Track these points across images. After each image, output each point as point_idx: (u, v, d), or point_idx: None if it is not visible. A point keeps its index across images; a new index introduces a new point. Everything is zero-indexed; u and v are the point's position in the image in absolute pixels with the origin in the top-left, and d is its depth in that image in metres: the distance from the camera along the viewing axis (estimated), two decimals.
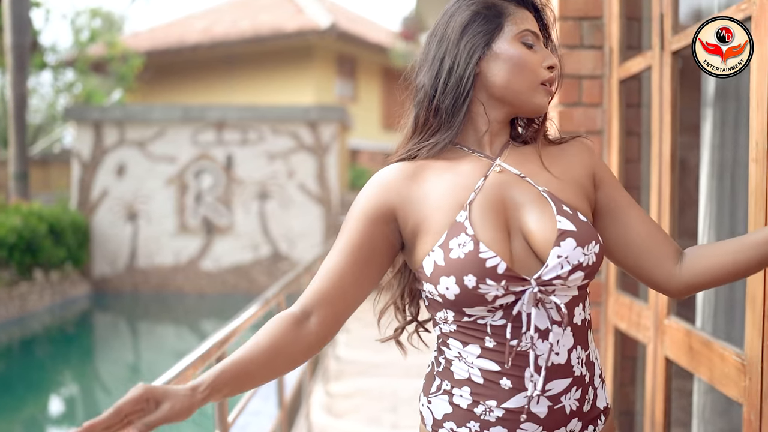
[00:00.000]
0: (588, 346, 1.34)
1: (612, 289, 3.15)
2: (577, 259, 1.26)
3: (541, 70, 1.34)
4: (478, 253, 1.24)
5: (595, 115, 3.24)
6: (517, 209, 1.32)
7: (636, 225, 1.40)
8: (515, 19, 1.35)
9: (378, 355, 6.60)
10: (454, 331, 1.31)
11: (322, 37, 15.79)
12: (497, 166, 1.35)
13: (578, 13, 3.20)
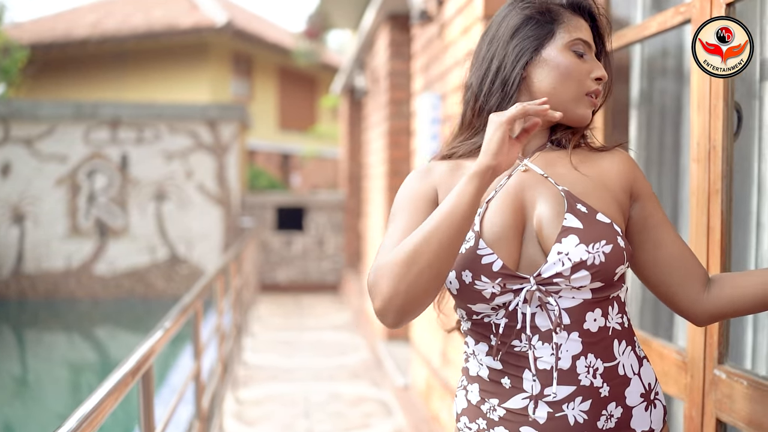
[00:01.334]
0: (615, 358, 1.29)
1: None
2: (579, 257, 1.24)
3: (588, 81, 1.35)
4: (476, 249, 1.26)
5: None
6: (534, 208, 1.32)
7: (668, 245, 1.38)
8: (568, 26, 1.36)
9: (287, 360, 6.46)
10: (470, 329, 1.36)
11: (218, 34, 15.41)
12: (523, 166, 1.35)
13: None
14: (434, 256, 1.18)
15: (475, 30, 3.26)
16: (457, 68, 3.64)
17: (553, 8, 1.37)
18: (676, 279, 1.37)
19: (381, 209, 6.97)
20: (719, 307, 1.36)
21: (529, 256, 1.29)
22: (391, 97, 6.61)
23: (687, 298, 1.37)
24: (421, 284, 1.18)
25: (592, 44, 1.38)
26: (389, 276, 1.19)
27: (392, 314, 1.21)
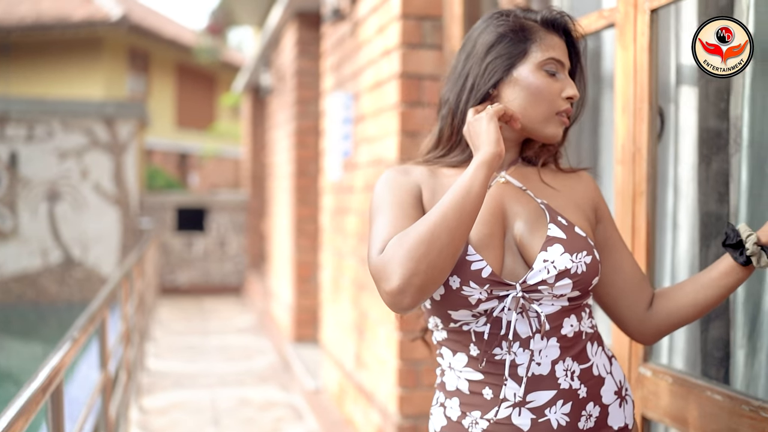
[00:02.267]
0: (588, 359, 1.33)
1: None
2: (564, 265, 1.28)
3: (559, 101, 1.35)
4: (465, 255, 1.26)
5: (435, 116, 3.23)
6: (514, 219, 1.35)
7: (624, 267, 1.44)
8: (541, 45, 1.36)
9: (191, 365, 6.27)
10: (445, 339, 1.34)
11: (113, 28, 14.85)
12: (502, 177, 1.38)
13: (420, 12, 3.18)
14: (450, 237, 1.19)
15: (392, 29, 3.24)
16: (371, 67, 3.61)
17: (527, 25, 1.38)
18: (626, 301, 1.43)
19: (288, 209, 6.87)
20: (661, 324, 1.43)
21: (508, 264, 1.31)
22: (298, 96, 6.52)
23: (636, 318, 1.44)
24: (439, 263, 1.18)
25: (565, 62, 1.38)
26: (408, 257, 1.17)
27: (411, 294, 1.17)
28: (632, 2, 1.89)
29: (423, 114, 3.22)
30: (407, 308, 1.20)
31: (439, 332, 1.36)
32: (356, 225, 3.91)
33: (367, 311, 3.67)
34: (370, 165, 3.60)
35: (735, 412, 1.57)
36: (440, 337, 1.36)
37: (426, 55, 3.21)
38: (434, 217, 1.20)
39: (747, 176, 1.86)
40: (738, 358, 1.89)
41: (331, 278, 4.66)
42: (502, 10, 1.43)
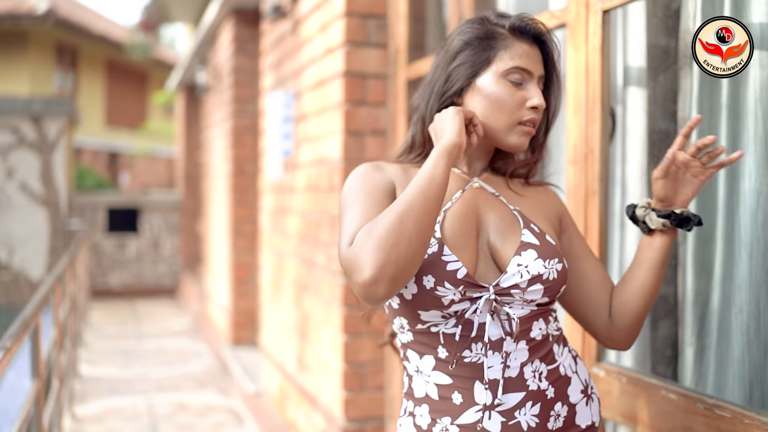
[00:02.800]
0: (555, 360, 1.33)
1: None
2: (537, 270, 1.28)
3: (521, 111, 1.34)
4: (441, 255, 1.25)
5: (379, 115, 3.20)
6: (488, 223, 1.35)
7: (590, 275, 1.45)
8: (508, 53, 1.34)
9: (126, 370, 6.08)
10: (411, 342, 1.32)
11: (38, 22, 14.33)
12: (476, 183, 1.39)
13: (364, 11, 3.14)
14: (418, 225, 1.17)
15: (335, 27, 3.20)
16: (313, 66, 3.55)
17: (495, 33, 1.37)
18: (594, 308, 1.44)
19: (224, 210, 6.74)
20: (625, 323, 1.43)
21: (481, 268, 1.31)
22: (235, 95, 6.40)
23: (604, 324, 1.45)
24: (410, 252, 1.16)
25: (534, 70, 1.35)
26: (378, 246, 1.15)
27: (385, 283, 1.15)
28: (584, 3, 1.90)
29: (367, 113, 3.18)
30: (381, 299, 1.17)
31: (405, 334, 1.34)
32: (298, 226, 3.85)
33: (310, 313, 3.61)
34: (313, 165, 3.55)
35: (689, 410, 1.58)
36: (406, 340, 1.34)
37: (370, 53, 3.18)
38: (400, 206, 1.18)
39: None
40: (687, 356, 1.91)
41: (271, 280, 4.59)
42: (476, 17, 1.43)
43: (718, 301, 1.84)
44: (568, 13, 1.97)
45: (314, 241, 3.52)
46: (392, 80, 3.17)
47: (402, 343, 1.36)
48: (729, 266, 1.81)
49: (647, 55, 2.03)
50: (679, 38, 1.96)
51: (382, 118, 3.21)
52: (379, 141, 3.21)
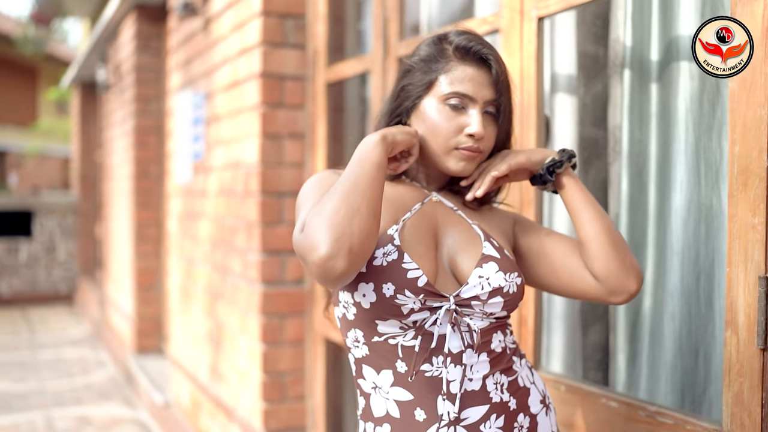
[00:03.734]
0: (514, 371, 1.32)
1: (320, 299, 3.07)
2: (498, 283, 1.27)
3: (459, 137, 1.32)
4: (401, 263, 1.23)
5: (297, 118, 3.12)
6: (447, 235, 1.33)
7: (559, 248, 1.41)
8: (448, 77, 1.32)
9: (21, 384, 5.74)
10: (367, 356, 1.28)
11: None
12: (435, 196, 1.38)
13: (282, 10, 3.05)
14: (365, 200, 1.16)
15: (252, 26, 3.09)
16: (227, 66, 3.43)
17: (442, 54, 1.34)
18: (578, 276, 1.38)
19: (127, 213, 6.47)
20: (608, 266, 1.34)
21: (440, 281, 1.28)
22: (137, 93, 6.14)
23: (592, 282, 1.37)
24: (363, 224, 1.13)
25: (474, 96, 1.30)
26: (330, 222, 1.12)
27: (343, 257, 1.10)
28: (518, 9, 1.88)
29: (285, 115, 3.09)
30: (342, 274, 1.12)
31: (360, 348, 1.29)
32: (210, 230, 3.71)
33: (225, 321, 3.48)
34: (227, 168, 3.42)
35: (631, 417, 1.58)
36: (361, 354, 1.30)
37: (288, 54, 3.09)
38: (343, 185, 1.17)
39: (627, 184, 1.90)
40: (619, 361, 1.93)
41: (179, 286, 4.41)
42: (438, 34, 1.39)
43: (650, 308, 1.86)
44: (501, 18, 1.95)
45: (229, 247, 3.40)
46: (311, 82, 3.09)
47: (356, 359, 1.31)
48: (661, 274, 1.83)
49: (577, 63, 2.03)
50: (608, 46, 1.98)
51: (301, 121, 3.13)
52: (298, 144, 3.12)
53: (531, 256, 1.43)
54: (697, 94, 1.75)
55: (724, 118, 1.69)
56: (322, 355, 3.07)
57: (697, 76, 1.75)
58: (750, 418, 1.34)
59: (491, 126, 1.34)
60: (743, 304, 1.34)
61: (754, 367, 1.33)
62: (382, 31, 2.55)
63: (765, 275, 1.30)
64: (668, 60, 1.82)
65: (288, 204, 3.09)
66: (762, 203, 1.31)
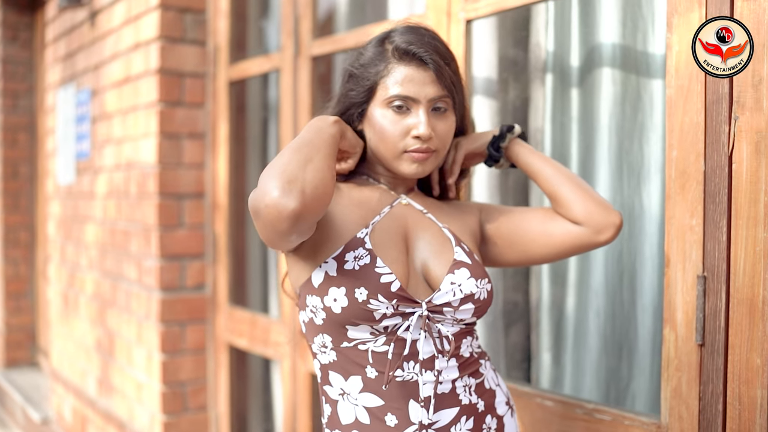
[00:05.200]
0: (481, 374, 1.31)
1: (222, 305, 2.96)
2: (470, 290, 1.26)
3: (406, 140, 1.28)
4: (374, 267, 1.21)
5: (197, 117, 3.00)
6: (418, 239, 1.31)
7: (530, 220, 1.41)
8: (390, 80, 1.28)
9: None
10: (334, 362, 1.25)
11: None
12: (404, 199, 1.36)
13: (181, 4, 2.93)
14: (319, 152, 1.15)
15: (148, 20, 2.94)
16: (118, 61, 3.25)
17: (382, 57, 1.30)
18: (562, 230, 1.37)
19: None
20: (574, 207, 1.35)
21: (412, 285, 1.26)
22: (5, 88, 5.73)
23: (577, 228, 1.36)
24: (317, 171, 1.11)
25: (417, 97, 1.27)
26: (281, 169, 1.09)
27: (295, 196, 1.06)
28: (445, 10, 1.88)
29: (185, 114, 2.97)
30: (294, 214, 1.07)
31: (327, 354, 1.26)
32: (98, 234, 3.51)
33: (116, 330, 3.30)
34: (119, 169, 3.24)
35: (567, 416, 1.61)
36: (327, 360, 1.26)
37: (187, 50, 2.97)
38: (296, 142, 1.16)
39: None
40: (544, 360, 1.97)
41: (61, 294, 4.15)
42: (382, 33, 1.34)
43: (574, 306, 1.91)
44: (426, 19, 1.94)
45: (122, 252, 3.22)
46: (212, 80, 2.99)
47: (322, 365, 1.28)
48: (585, 273, 1.88)
49: (498, 67, 2.06)
50: (529, 51, 2.01)
51: (201, 120, 3.01)
52: (198, 144, 3.01)
53: (506, 237, 1.41)
54: (620, 99, 1.81)
55: (645, 122, 1.75)
56: (226, 362, 2.97)
57: (620, 82, 1.81)
58: (688, 411, 1.39)
59: (442, 122, 1.30)
60: (681, 302, 1.40)
61: (692, 362, 1.38)
62: (293, 28, 2.49)
63: (703, 274, 1.36)
64: (590, 66, 1.87)
65: (188, 206, 2.97)
66: (699, 205, 1.36)
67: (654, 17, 1.73)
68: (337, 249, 1.24)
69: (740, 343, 1.31)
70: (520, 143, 1.43)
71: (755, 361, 1.29)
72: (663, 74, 1.72)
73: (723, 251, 1.33)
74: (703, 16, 1.35)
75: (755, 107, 1.28)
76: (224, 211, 2.94)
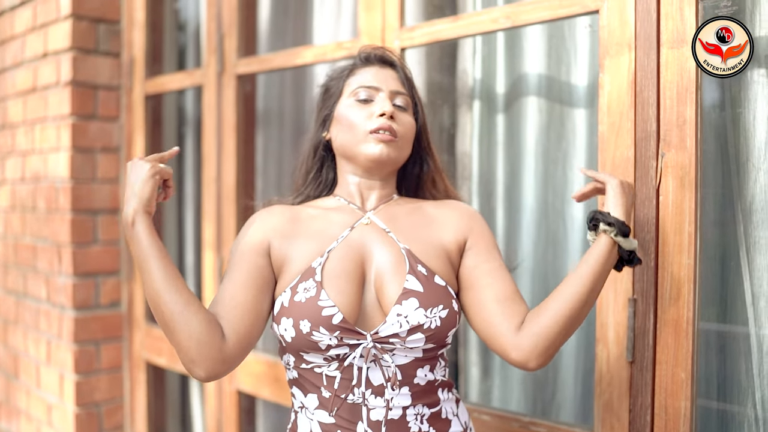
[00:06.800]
0: (438, 403, 1.32)
1: (139, 322, 2.91)
2: (417, 320, 1.25)
3: (370, 120, 1.35)
4: (318, 300, 1.24)
5: (112, 130, 2.94)
6: (374, 263, 1.32)
7: (491, 294, 1.30)
8: (356, 78, 1.41)
9: None
10: (296, 379, 1.32)
11: None
12: (366, 219, 1.37)
13: (94, 14, 2.87)
14: (167, 305, 1.20)
15: (58, 29, 2.84)
16: (21, 69, 3.12)
17: (346, 67, 1.45)
18: (498, 326, 1.28)
19: None
20: (535, 337, 1.23)
21: (367, 306, 1.29)
22: None
23: (507, 342, 1.26)
24: (183, 331, 1.20)
25: (378, 86, 1.39)
26: (172, 342, 1.22)
27: (198, 365, 1.21)
28: (379, 38, 1.94)
29: (99, 128, 2.90)
30: (207, 378, 1.23)
31: (291, 371, 1.34)
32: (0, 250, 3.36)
33: (22, 350, 3.17)
34: (24, 182, 3.12)
35: (506, 429, 1.70)
36: (291, 376, 1.34)
37: (101, 62, 2.90)
38: (153, 306, 1.23)
39: (477, 207, 2.03)
40: (472, 375, 2.05)
41: None
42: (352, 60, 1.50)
43: None
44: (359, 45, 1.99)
45: (27, 268, 3.10)
46: (127, 93, 2.93)
47: (288, 379, 1.36)
48: None
49: (427, 92, 2.13)
50: (456, 77, 2.10)
51: (115, 134, 2.95)
52: (112, 158, 2.94)
53: (463, 283, 1.35)
54: (545, 127, 1.92)
55: (569, 149, 1.87)
56: (143, 381, 2.92)
57: (545, 110, 1.92)
58: (619, 422, 1.51)
59: (404, 116, 1.39)
60: (613, 322, 1.51)
61: (623, 378, 1.50)
62: (217, 46, 2.49)
63: (633, 297, 1.47)
64: (516, 94, 1.97)
65: (102, 222, 2.90)
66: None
67: (576, 51, 1.85)
68: (294, 279, 1.29)
69: (666, 359, 1.43)
70: (609, 243, 1.27)
71: (680, 375, 1.42)
72: (585, 104, 1.84)
73: (651, 276, 1.44)
74: (633, 59, 1.47)
75: (680, 145, 1.40)
76: None
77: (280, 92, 2.67)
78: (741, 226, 1.49)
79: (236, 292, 1.28)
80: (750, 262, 1.48)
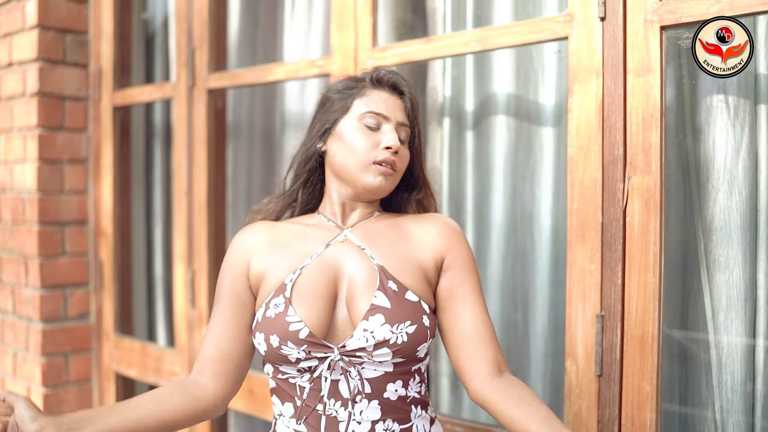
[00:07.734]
0: (410, 420, 1.34)
1: (108, 334, 2.90)
2: (383, 336, 1.28)
3: (376, 151, 1.37)
4: (285, 315, 1.30)
5: (79, 142, 2.93)
6: (346, 279, 1.35)
7: (465, 320, 1.35)
8: (365, 100, 1.41)
9: None
10: (275, 388, 1.38)
11: None
12: (342, 236, 1.40)
13: (61, 25, 2.85)
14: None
15: (24, 39, 2.82)
16: None
17: (356, 84, 1.44)
18: (465, 354, 1.34)
19: None
20: (490, 404, 1.30)
21: (339, 320, 1.33)
22: None
23: (469, 373, 1.34)
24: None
25: (388, 115, 1.39)
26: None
27: None
28: (352, 57, 1.98)
29: (66, 139, 2.88)
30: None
31: (271, 380, 1.40)
32: None
33: None
34: None
35: None
36: (272, 385, 1.40)
37: (68, 72, 2.88)
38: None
39: None
40: (443, 385, 2.10)
41: None
42: (354, 75, 1.50)
43: None
44: (332, 63, 2.03)
45: None
46: (94, 104, 2.92)
47: (270, 387, 1.41)
48: None
49: None
50: (427, 95, 2.14)
51: (83, 145, 2.93)
52: (80, 169, 2.93)
53: (440, 303, 1.38)
54: (513, 144, 1.97)
55: (536, 167, 1.93)
56: (113, 392, 2.91)
57: (513, 128, 1.97)
58: None
59: (403, 149, 1.42)
60: (582, 337, 1.57)
61: (591, 391, 1.56)
62: (188, 60, 2.50)
63: (601, 313, 1.53)
64: (485, 112, 2.02)
65: (70, 234, 2.88)
66: (597, 252, 1.54)
67: (544, 73, 1.91)
68: (268, 295, 1.36)
69: (633, 373, 1.50)
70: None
71: (646, 388, 1.48)
72: (552, 123, 1.90)
73: (618, 293, 1.51)
74: (600, 85, 1.53)
75: (645, 169, 1.46)
76: (109, 238, 2.88)
77: (250, 106, 2.69)
78: (702, 244, 1.56)
79: (222, 331, 1.39)
80: (710, 279, 1.56)
